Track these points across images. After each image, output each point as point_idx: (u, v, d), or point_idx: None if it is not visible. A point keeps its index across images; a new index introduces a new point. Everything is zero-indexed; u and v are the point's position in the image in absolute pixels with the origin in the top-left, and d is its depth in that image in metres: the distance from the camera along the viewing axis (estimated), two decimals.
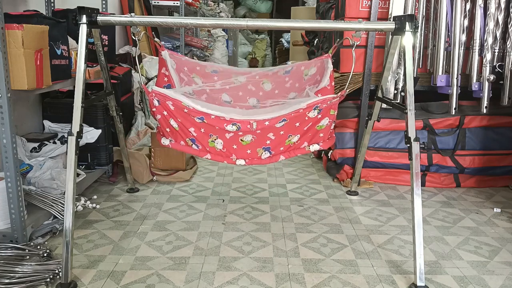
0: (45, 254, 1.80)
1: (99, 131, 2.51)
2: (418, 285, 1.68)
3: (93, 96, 2.25)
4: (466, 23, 2.47)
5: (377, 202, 2.60)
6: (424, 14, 2.59)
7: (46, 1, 2.59)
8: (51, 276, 1.66)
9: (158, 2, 4.25)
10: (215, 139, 1.97)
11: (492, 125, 2.82)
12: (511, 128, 2.84)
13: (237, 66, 9.05)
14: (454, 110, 2.56)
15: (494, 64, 2.40)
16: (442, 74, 2.55)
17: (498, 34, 2.39)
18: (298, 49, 5.69)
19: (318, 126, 1.98)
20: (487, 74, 2.40)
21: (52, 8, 2.61)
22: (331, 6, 3.12)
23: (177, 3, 4.27)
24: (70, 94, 2.61)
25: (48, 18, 2.00)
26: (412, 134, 1.77)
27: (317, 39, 3.63)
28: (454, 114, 2.63)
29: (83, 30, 1.72)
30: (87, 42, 1.74)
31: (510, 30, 2.32)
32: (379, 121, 2.44)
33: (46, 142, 2.37)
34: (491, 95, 2.44)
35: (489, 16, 2.37)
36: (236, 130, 1.89)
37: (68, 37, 2.16)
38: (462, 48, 2.47)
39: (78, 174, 2.41)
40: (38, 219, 1.99)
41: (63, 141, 2.39)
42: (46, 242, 1.98)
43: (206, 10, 5.97)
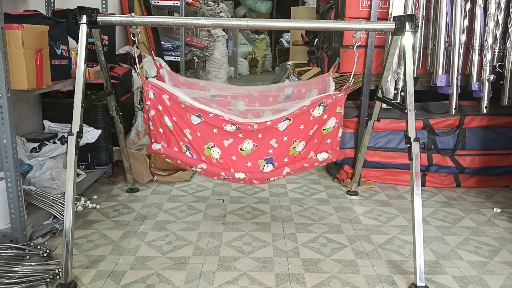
0: (45, 254, 1.80)
1: (99, 131, 2.51)
2: (418, 285, 1.67)
3: (93, 96, 2.25)
4: (466, 23, 2.47)
5: (377, 202, 2.60)
6: (424, 14, 2.59)
7: (46, 1, 2.59)
8: (51, 276, 1.66)
9: (158, 2, 4.25)
10: (212, 147, 1.87)
11: (492, 125, 2.82)
12: (511, 128, 2.84)
13: (237, 66, 9.08)
14: (454, 110, 2.56)
15: (494, 64, 2.41)
16: (442, 74, 2.56)
17: (498, 34, 2.39)
18: (298, 49, 5.69)
19: (325, 130, 1.90)
20: (487, 74, 2.40)
21: (52, 8, 2.61)
22: (331, 6, 3.12)
23: (177, 3, 4.27)
24: (70, 94, 2.61)
25: (48, 18, 2.00)
26: (412, 134, 1.77)
27: (317, 39, 3.63)
28: (454, 114, 2.63)
29: (83, 30, 1.72)
30: (87, 42, 1.74)
31: (510, 30, 2.32)
32: (379, 121, 2.44)
33: (46, 142, 2.37)
34: (491, 95, 2.44)
35: (489, 16, 2.37)
36: (235, 130, 1.82)
37: (68, 37, 2.16)
38: (462, 48, 2.47)
39: (78, 174, 2.41)
40: (38, 219, 1.99)
41: (63, 141, 2.39)
42: (46, 242, 1.98)
43: (206, 10, 5.97)
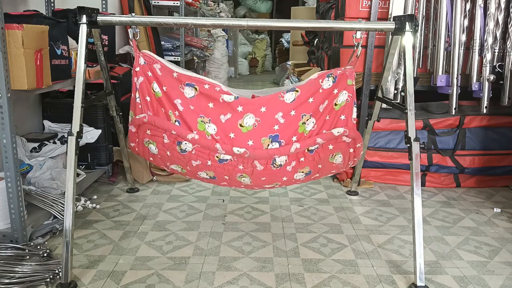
0: (45, 254, 1.80)
1: (99, 131, 2.51)
2: (418, 285, 1.67)
3: (93, 96, 2.25)
4: (466, 23, 2.47)
5: (377, 202, 2.60)
6: (424, 14, 2.59)
7: (46, 1, 2.59)
8: (51, 276, 1.66)
9: (158, 2, 4.25)
10: (207, 122, 1.61)
11: (492, 125, 2.82)
12: (511, 128, 2.84)
13: (237, 66, 9.07)
14: (454, 110, 2.56)
15: (494, 64, 2.41)
16: (442, 74, 2.55)
17: (498, 34, 2.39)
18: (298, 49, 5.70)
19: (337, 105, 1.70)
20: (487, 74, 2.40)
21: (52, 8, 2.61)
22: (331, 6, 3.12)
23: (177, 3, 4.27)
24: (70, 94, 2.61)
25: (48, 18, 2.00)
26: (412, 134, 1.77)
27: (317, 39, 3.63)
28: (454, 114, 2.63)
29: (83, 30, 1.72)
30: (87, 42, 1.73)
31: (510, 30, 2.33)
32: (379, 121, 2.44)
33: (46, 142, 2.37)
34: (491, 95, 2.44)
35: (489, 16, 2.37)
36: (234, 100, 1.58)
37: (68, 37, 2.15)
38: (462, 48, 2.47)
39: (78, 174, 2.41)
40: (38, 219, 1.99)
41: (63, 141, 2.39)
42: (46, 242, 1.98)
43: (206, 10, 5.97)
